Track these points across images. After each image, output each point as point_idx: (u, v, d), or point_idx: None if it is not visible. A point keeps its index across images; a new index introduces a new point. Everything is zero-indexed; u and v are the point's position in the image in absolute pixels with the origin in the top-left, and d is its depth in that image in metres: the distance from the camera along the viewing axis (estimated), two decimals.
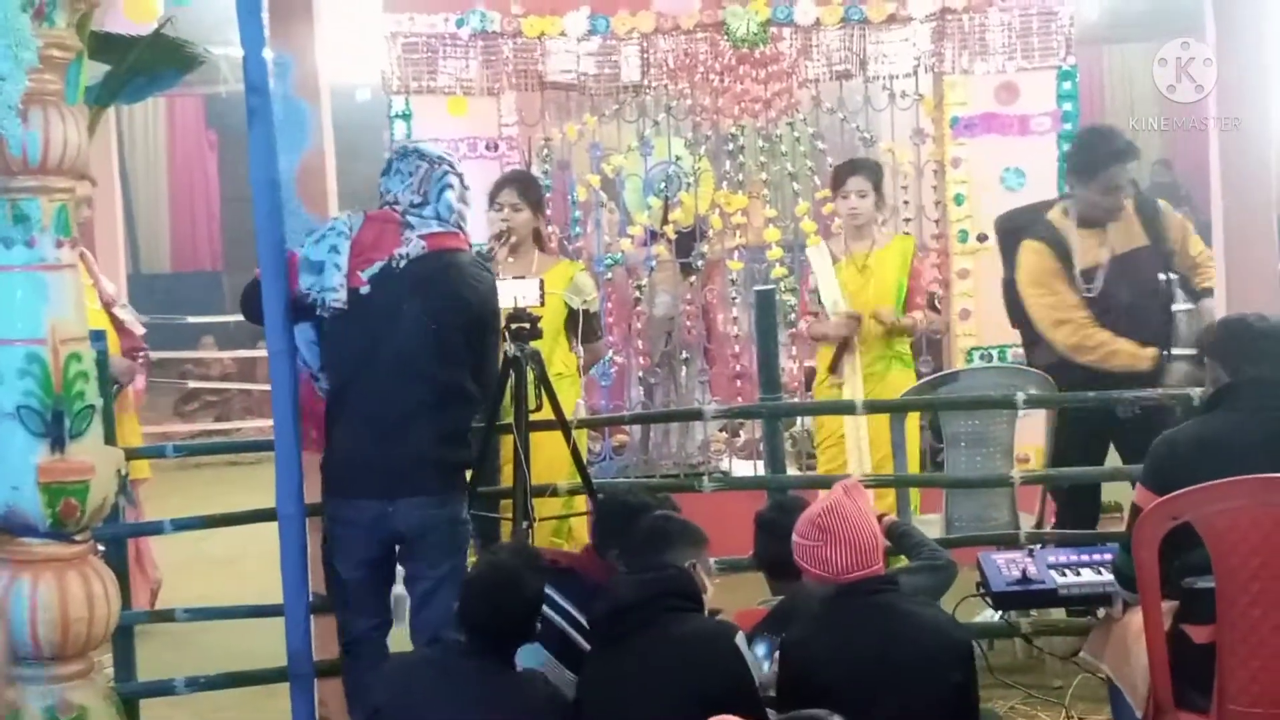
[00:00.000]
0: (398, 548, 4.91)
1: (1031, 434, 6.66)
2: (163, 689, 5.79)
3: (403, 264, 4.87)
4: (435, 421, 4.85)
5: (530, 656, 4.43)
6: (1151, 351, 6.13)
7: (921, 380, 6.77)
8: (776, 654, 4.23)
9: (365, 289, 4.88)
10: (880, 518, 4.88)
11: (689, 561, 4.37)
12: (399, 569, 4.98)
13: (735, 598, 5.04)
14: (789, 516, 4.40)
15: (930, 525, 6.09)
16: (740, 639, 4.13)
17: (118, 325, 7.00)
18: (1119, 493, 6.46)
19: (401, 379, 4.84)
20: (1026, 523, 6.15)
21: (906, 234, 7.65)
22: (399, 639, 4.97)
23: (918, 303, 7.05)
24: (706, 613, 4.37)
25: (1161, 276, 6.24)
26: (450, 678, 4.19)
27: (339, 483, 4.92)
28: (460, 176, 5.08)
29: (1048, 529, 6.18)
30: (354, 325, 4.89)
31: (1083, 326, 6.24)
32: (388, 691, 4.27)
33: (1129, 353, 6.17)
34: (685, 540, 4.44)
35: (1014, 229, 6.61)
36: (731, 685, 3.99)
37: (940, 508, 6.36)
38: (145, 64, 4.98)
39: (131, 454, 5.96)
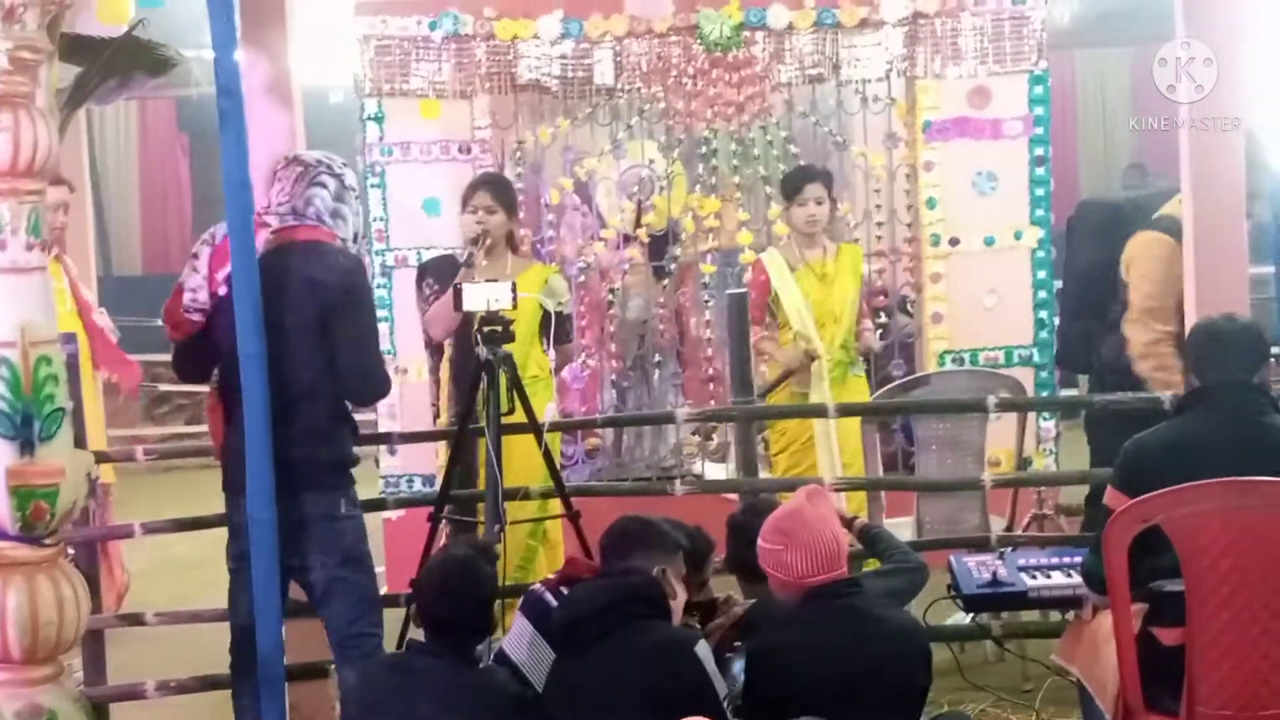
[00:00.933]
0: None
1: (1002, 437, 6.68)
2: (133, 693, 5.77)
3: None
4: (287, 420, 4.77)
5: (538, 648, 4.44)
6: None
7: (893, 384, 6.78)
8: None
9: (222, 289, 4.87)
10: (851, 520, 4.91)
11: (658, 567, 4.32)
12: None
13: None
14: (761, 519, 4.40)
15: (901, 528, 6.10)
16: (701, 648, 4.09)
17: (96, 334, 6.97)
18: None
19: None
20: (997, 525, 6.16)
21: (855, 241, 7.67)
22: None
23: (867, 312, 7.14)
24: (677, 621, 4.35)
25: None
26: (413, 679, 4.19)
27: (224, 478, 5.01)
28: (340, 179, 5.02)
29: (1018, 532, 6.19)
30: (219, 328, 4.89)
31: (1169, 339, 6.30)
32: (358, 703, 4.27)
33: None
34: (652, 545, 4.41)
35: (1120, 219, 6.59)
36: (692, 694, 3.95)
37: (911, 510, 6.37)
38: (117, 66, 4.99)
39: (101, 457, 5.95)
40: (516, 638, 4.51)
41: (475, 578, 4.29)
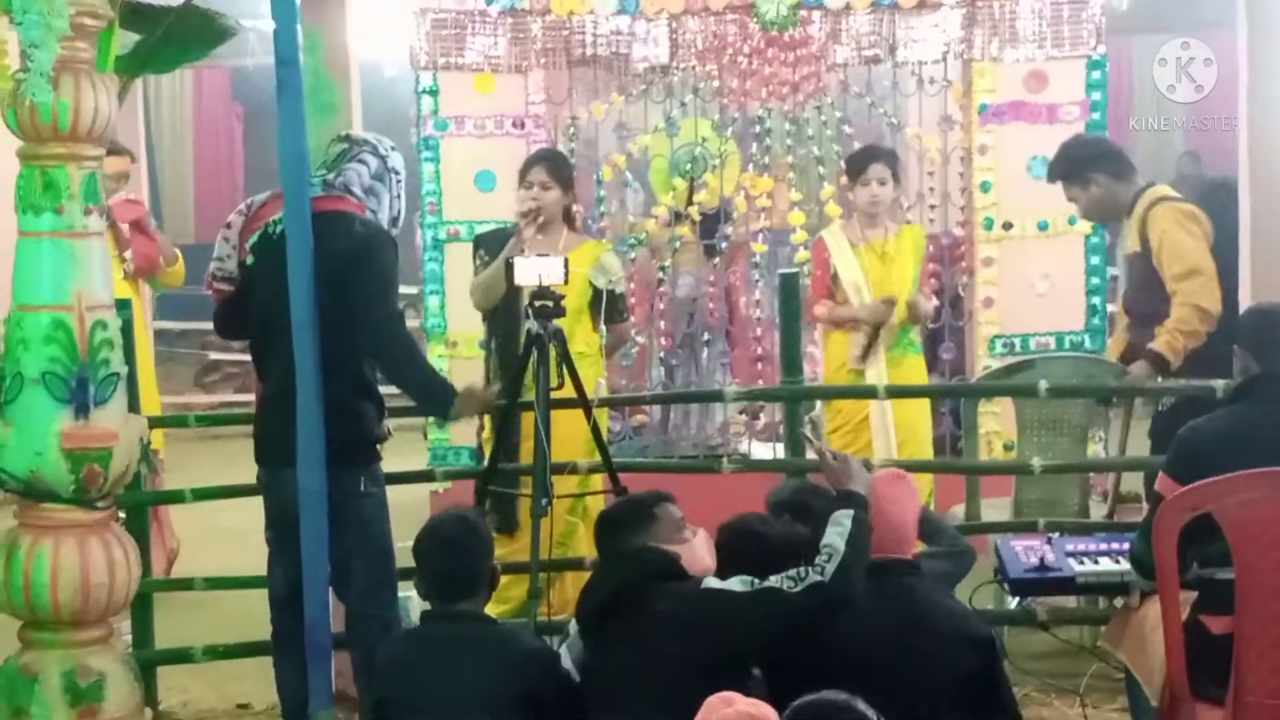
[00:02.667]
0: None
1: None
2: (181, 656, 5.83)
3: (277, 229, 4.84)
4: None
5: None
6: None
7: (996, 366, 6.69)
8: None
9: (250, 259, 4.94)
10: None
11: (648, 543, 4.23)
12: None
13: None
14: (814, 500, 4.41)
15: (999, 509, 6.18)
16: (708, 581, 4.06)
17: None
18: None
19: (284, 349, 4.79)
20: (1097, 510, 6.13)
21: (913, 223, 7.64)
22: None
23: (926, 293, 7.11)
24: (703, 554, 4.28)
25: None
26: (434, 647, 4.22)
27: (254, 450, 5.11)
28: (384, 160, 5.05)
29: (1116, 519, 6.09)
30: (248, 296, 4.99)
31: None
32: (386, 683, 4.29)
33: None
34: (637, 521, 4.31)
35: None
36: (726, 628, 3.93)
37: (1009, 492, 6.32)
38: (176, 35, 5.00)
39: (155, 422, 5.99)
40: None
41: (469, 532, 4.30)
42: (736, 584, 4.03)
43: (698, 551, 4.30)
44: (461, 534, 4.29)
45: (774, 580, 3.99)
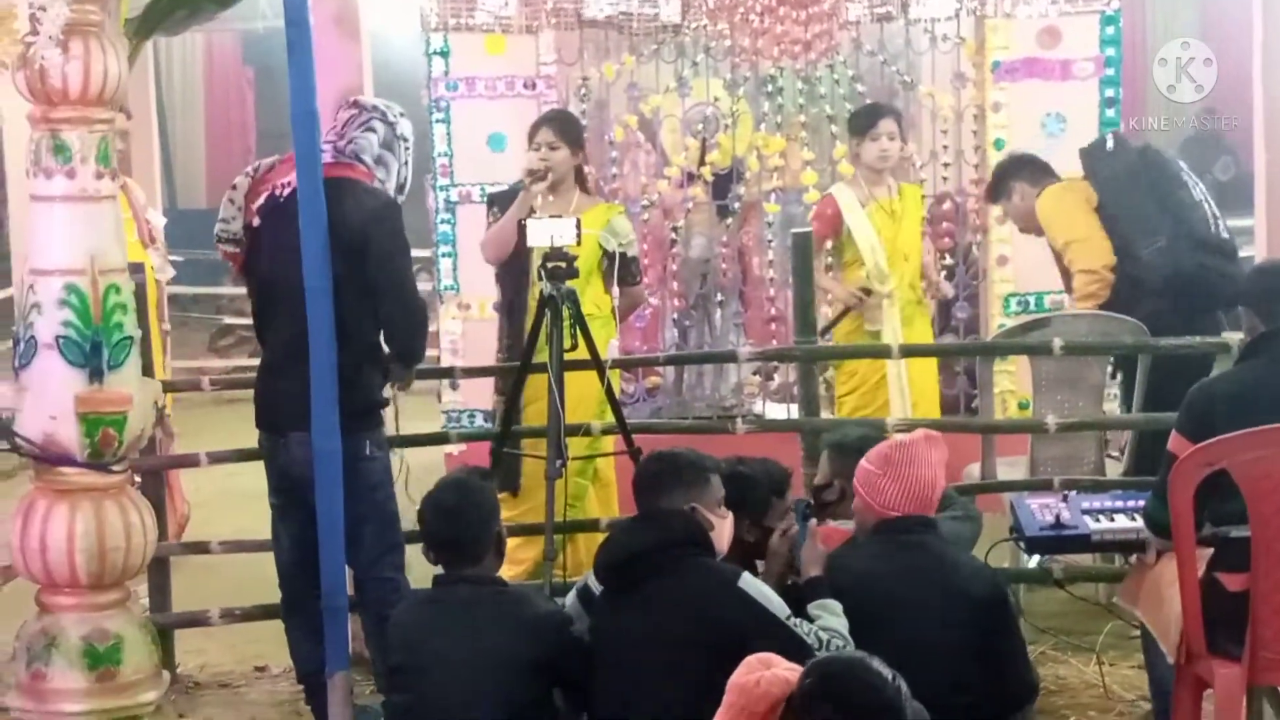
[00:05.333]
0: None
1: None
2: (197, 620, 5.85)
3: (286, 192, 4.84)
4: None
5: None
6: None
7: (1011, 324, 6.69)
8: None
9: (256, 221, 4.95)
10: None
11: (688, 504, 4.23)
12: None
13: None
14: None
15: (1015, 468, 6.21)
16: (745, 580, 4.05)
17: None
18: None
19: (287, 314, 4.83)
20: (1114, 468, 6.14)
21: (919, 182, 7.64)
22: None
23: (932, 260, 7.15)
24: (723, 546, 4.29)
25: None
26: (447, 609, 4.24)
27: (256, 413, 5.14)
28: (392, 127, 5.05)
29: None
30: (253, 259, 5.02)
31: None
32: (398, 649, 4.30)
33: None
34: (679, 481, 4.28)
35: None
36: (747, 630, 3.92)
37: (1026, 450, 6.31)
38: None
39: (168, 386, 6.00)
40: None
41: (471, 494, 4.33)
42: (774, 600, 4.03)
43: (724, 532, 4.33)
44: (459, 501, 4.30)
45: (805, 630, 4.01)
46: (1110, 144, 6.68)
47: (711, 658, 3.68)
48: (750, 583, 4.08)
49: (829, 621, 4.07)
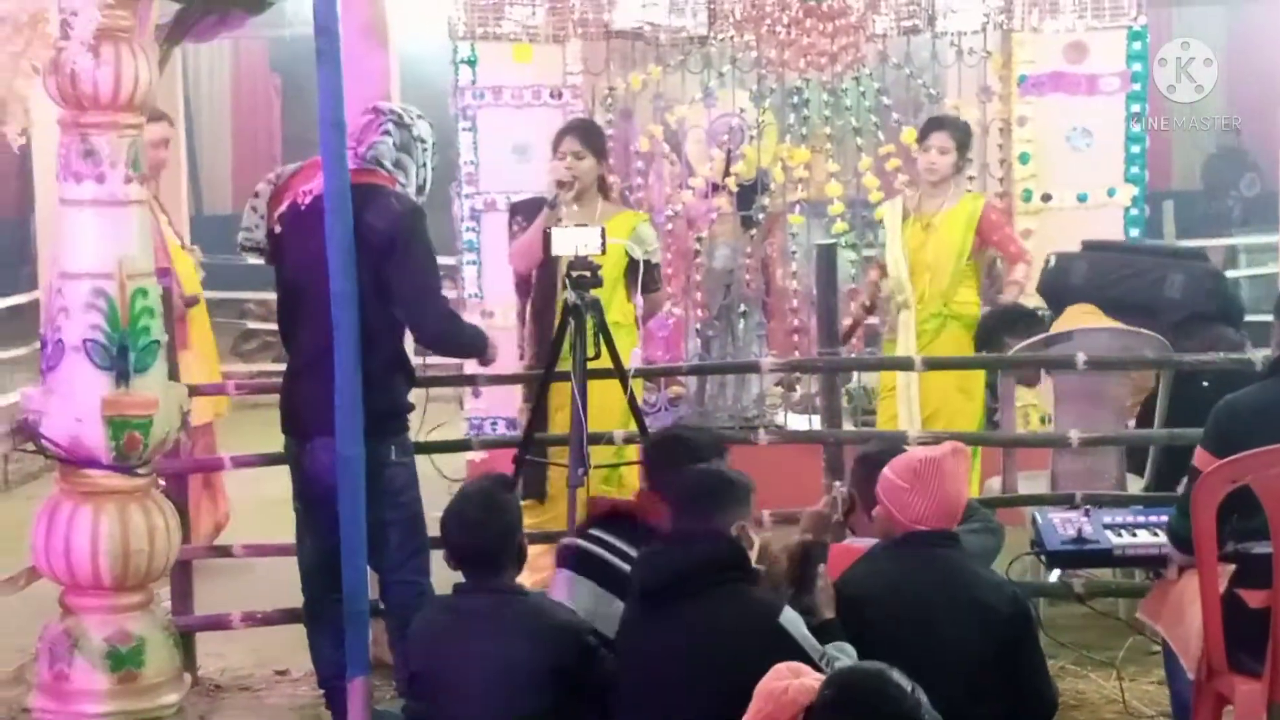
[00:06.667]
0: None
1: None
2: (219, 623, 5.86)
3: (308, 200, 4.87)
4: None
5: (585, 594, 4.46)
6: None
7: (1032, 339, 6.69)
8: None
9: (279, 228, 4.97)
10: None
11: (737, 523, 4.15)
12: None
13: None
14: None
15: (1036, 481, 6.18)
16: (786, 616, 3.98)
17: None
18: None
19: (311, 320, 4.84)
20: (1135, 484, 6.13)
21: (975, 193, 7.60)
22: None
23: (1013, 253, 7.19)
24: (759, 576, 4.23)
25: None
26: (464, 617, 4.24)
27: (281, 418, 5.14)
28: (408, 129, 5.06)
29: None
30: (278, 267, 5.04)
31: None
32: (417, 656, 4.31)
33: None
34: (732, 499, 4.20)
35: None
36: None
37: (1046, 465, 6.31)
38: (216, 4, 5.01)
39: (194, 391, 6.02)
40: (558, 590, 4.53)
41: (494, 506, 4.31)
42: (810, 639, 3.99)
43: (751, 555, 4.29)
44: (483, 514, 4.28)
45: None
46: (1052, 262, 6.85)
47: (740, 686, 3.66)
48: (790, 619, 3.99)
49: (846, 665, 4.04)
